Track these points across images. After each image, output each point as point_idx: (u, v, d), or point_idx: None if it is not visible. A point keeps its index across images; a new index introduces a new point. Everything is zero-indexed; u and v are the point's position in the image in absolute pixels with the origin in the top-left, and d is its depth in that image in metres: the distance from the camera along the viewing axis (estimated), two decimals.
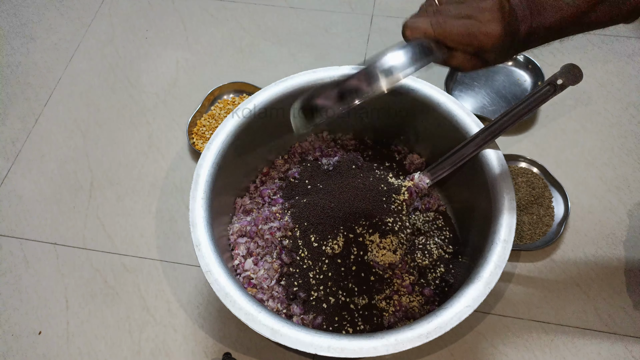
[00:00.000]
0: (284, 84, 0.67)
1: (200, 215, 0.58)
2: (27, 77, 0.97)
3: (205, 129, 0.86)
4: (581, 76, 0.58)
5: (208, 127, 0.86)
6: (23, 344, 0.69)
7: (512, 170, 0.78)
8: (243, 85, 0.91)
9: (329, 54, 0.96)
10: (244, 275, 0.63)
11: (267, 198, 0.70)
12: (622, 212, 0.75)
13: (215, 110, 0.89)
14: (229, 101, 0.90)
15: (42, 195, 0.83)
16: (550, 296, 0.69)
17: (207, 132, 0.86)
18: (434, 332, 0.49)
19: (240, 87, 0.91)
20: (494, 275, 0.52)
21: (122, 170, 0.84)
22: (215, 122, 0.87)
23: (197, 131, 0.86)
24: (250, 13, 1.04)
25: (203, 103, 0.88)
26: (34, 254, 0.77)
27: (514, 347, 0.66)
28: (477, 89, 0.88)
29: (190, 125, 0.86)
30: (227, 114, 0.87)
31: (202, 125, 0.87)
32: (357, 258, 0.60)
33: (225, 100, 0.90)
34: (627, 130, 0.83)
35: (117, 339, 0.69)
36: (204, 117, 0.88)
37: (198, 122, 0.87)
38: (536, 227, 0.73)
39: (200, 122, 0.87)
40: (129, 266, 0.75)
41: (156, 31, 1.02)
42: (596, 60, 0.91)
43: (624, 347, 0.65)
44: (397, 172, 0.73)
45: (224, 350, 0.67)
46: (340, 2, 1.04)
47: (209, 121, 0.87)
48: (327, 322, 0.58)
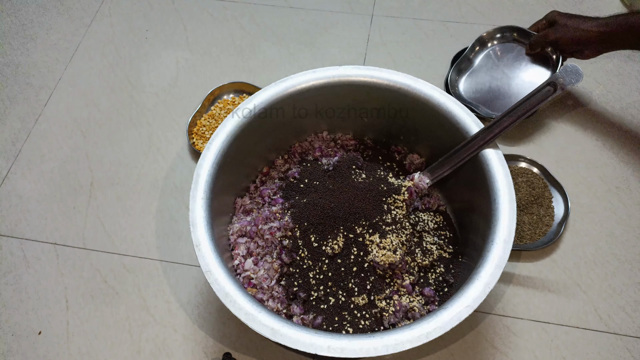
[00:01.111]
0: (284, 84, 0.67)
1: (200, 215, 0.58)
2: (27, 77, 0.97)
3: (205, 129, 0.86)
4: (581, 76, 0.58)
5: (208, 127, 0.86)
6: (23, 344, 0.69)
7: (512, 170, 0.78)
8: (243, 85, 0.91)
9: (329, 54, 0.96)
10: (244, 275, 0.63)
11: (267, 198, 0.70)
12: (622, 212, 0.75)
13: (215, 110, 0.89)
14: (229, 101, 0.90)
15: (42, 195, 0.83)
16: (550, 296, 0.69)
17: (207, 132, 0.86)
18: (434, 332, 0.49)
19: (240, 87, 0.91)
20: (494, 276, 0.52)
21: (122, 170, 0.84)
22: (215, 122, 0.87)
23: (197, 131, 0.86)
24: (250, 13, 1.04)
25: (203, 103, 0.88)
26: (34, 254, 0.77)
27: (514, 347, 0.66)
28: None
29: (190, 125, 0.86)
30: (227, 114, 0.87)
31: (202, 125, 0.87)
32: (357, 258, 0.60)
33: (225, 100, 0.90)
34: (627, 130, 0.83)
35: (117, 339, 0.69)
36: (204, 117, 0.88)
37: (198, 122, 0.87)
38: (536, 227, 0.73)
39: (200, 122, 0.87)
40: (129, 266, 0.75)
41: (156, 31, 1.02)
42: (596, 60, 0.91)
43: (624, 347, 0.65)
44: (397, 172, 0.73)
45: (224, 350, 0.67)
46: (340, 2, 1.04)
47: (209, 121, 0.87)
48: (327, 322, 0.58)
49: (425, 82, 0.66)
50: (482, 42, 0.89)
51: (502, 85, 0.85)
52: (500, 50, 0.88)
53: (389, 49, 0.96)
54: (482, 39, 0.88)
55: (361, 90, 0.69)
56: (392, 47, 0.96)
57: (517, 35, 0.87)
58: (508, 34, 0.87)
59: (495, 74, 0.86)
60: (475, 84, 0.86)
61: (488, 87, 0.85)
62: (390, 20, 1.00)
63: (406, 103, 0.68)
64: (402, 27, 0.99)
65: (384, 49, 0.96)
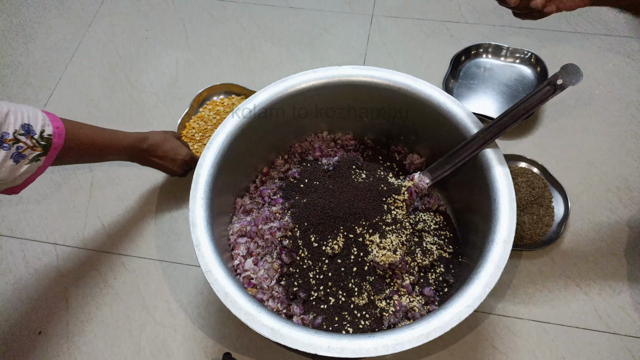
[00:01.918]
0: (284, 84, 0.67)
1: (200, 215, 0.58)
2: (27, 77, 0.97)
3: (194, 131, 0.85)
4: (581, 76, 0.58)
5: (197, 130, 0.85)
6: (23, 344, 0.69)
7: (512, 170, 0.78)
8: (232, 87, 0.90)
9: (329, 54, 0.96)
10: (244, 275, 0.63)
11: (267, 198, 0.70)
12: (622, 212, 0.75)
13: (205, 112, 0.87)
14: (218, 102, 0.89)
15: (42, 195, 0.83)
16: (550, 296, 0.69)
17: (196, 134, 0.84)
18: (434, 332, 0.49)
19: (230, 89, 0.90)
20: (494, 276, 0.52)
21: (122, 170, 0.84)
22: (205, 124, 0.86)
23: (187, 134, 0.85)
24: (250, 13, 1.04)
25: (192, 105, 0.87)
26: (34, 254, 0.77)
27: (514, 347, 0.66)
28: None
29: (179, 128, 0.84)
30: (217, 115, 0.86)
31: (191, 128, 0.86)
32: (357, 258, 0.60)
33: (215, 101, 0.89)
34: (627, 130, 0.83)
35: (117, 339, 0.69)
36: (192, 119, 0.87)
37: (187, 125, 0.86)
38: (536, 227, 0.73)
39: (189, 124, 0.86)
40: (129, 266, 0.75)
41: (156, 31, 1.02)
42: (596, 60, 0.91)
43: (624, 347, 0.65)
44: (397, 172, 0.73)
45: (224, 350, 0.67)
46: (340, 2, 1.04)
47: (198, 123, 0.86)
48: (327, 322, 0.58)
49: (425, 82, 0.66)
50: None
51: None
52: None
53: (389, 49, 0.96)
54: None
55: (361, 90, 0.69)
56: (392, 47, 0.96)
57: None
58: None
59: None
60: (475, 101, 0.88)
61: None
62: (390, 20, 1.00)
63: (406, 103, 0.68)
64: (402, 27, 0.99)
65: (384, 49, 0.96)
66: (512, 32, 0.97)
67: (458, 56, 0.90)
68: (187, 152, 0.75)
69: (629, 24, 0.96)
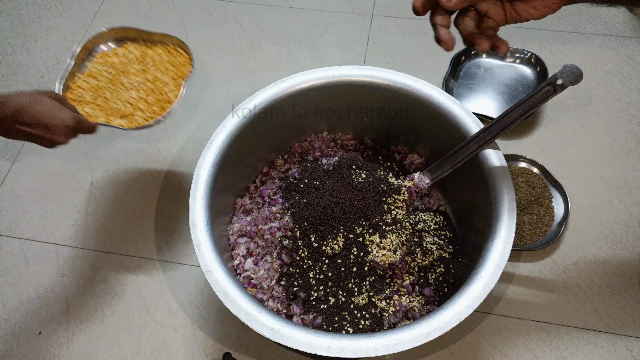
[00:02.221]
0: (284, 84, 0.67)
1: (200, 215, 0.58)
2: (27, 77, 0.97)
3: (85, 92, 0.67)
4: (581, 76, 0.58)
5: (88, 89, 0.67)
6: (23, 344, 0.69)
7: (512, 170, 0.78)
8: (126, 31, 0.72)
9: (329, 54, 0.96)
10: (244, 275, 0.63)
11: (267, 198, 0.70)
12: (622, 212, 0.75)
13: (95, 67, 0.69)
14: (110, 54, 0.72)
15: (42, 195, 0.83)
16: (550, 296, 0.69)
17: (87, 96, 0.66)
18: (434, 332, 0.49)
19: (124, 34, 0.72)
20: (494, 276, 0.52)
21: (122, 170, 0.84)
22: (97, 82, 0.68)
23: (74, 96, 0.66)
24: (250, 13, 1.04)
25: (76, 60, 0.69)
26: (34, 254, 0.77)
27: (514, 347, 0.66)
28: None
29: (63, 90, 0.66)
30: (112, 68, 0.70)
31: (79, 88, 0.67)
32: (357, 258, 0.60)
33: (105, 52, 0.71)
34: (627, 130, 0.83)
35: (117, 339, 0.69)
36: (79, 77, 0.69)
37: (72, 85, 0.67)
38: (536, 227, 0.73)
39: (75, 84, 0.67)
40: (129, 266, 0.75)
41: (156, 31, 1.02)
42: (596, 60, 0.91)
43: (624, 347, 0.65)
44: (397, 172, 0.73)
45: (224, 350, 0.67)
46: (340, 2, 1.04)
47: (88, 81, 0.68)
48: (327, 322, 0.58)
49: (425, 82, 0.66)
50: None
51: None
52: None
53: (389, 49, 0.96)
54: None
55: (361, 90, 0.69)
56: (392, 47, 0.96)
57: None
58: None
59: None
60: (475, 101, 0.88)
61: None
62: (390, 20, 1.00)
63: (406, 103, 0.68)
64: (402, 27, 0.99)
65: (384, 49, 0.96)
66: (512, 32, 0.96)
67: (458, 56, 0.90)
68: (70, 114, 0.57)
69: (629, 24, 0.96)
